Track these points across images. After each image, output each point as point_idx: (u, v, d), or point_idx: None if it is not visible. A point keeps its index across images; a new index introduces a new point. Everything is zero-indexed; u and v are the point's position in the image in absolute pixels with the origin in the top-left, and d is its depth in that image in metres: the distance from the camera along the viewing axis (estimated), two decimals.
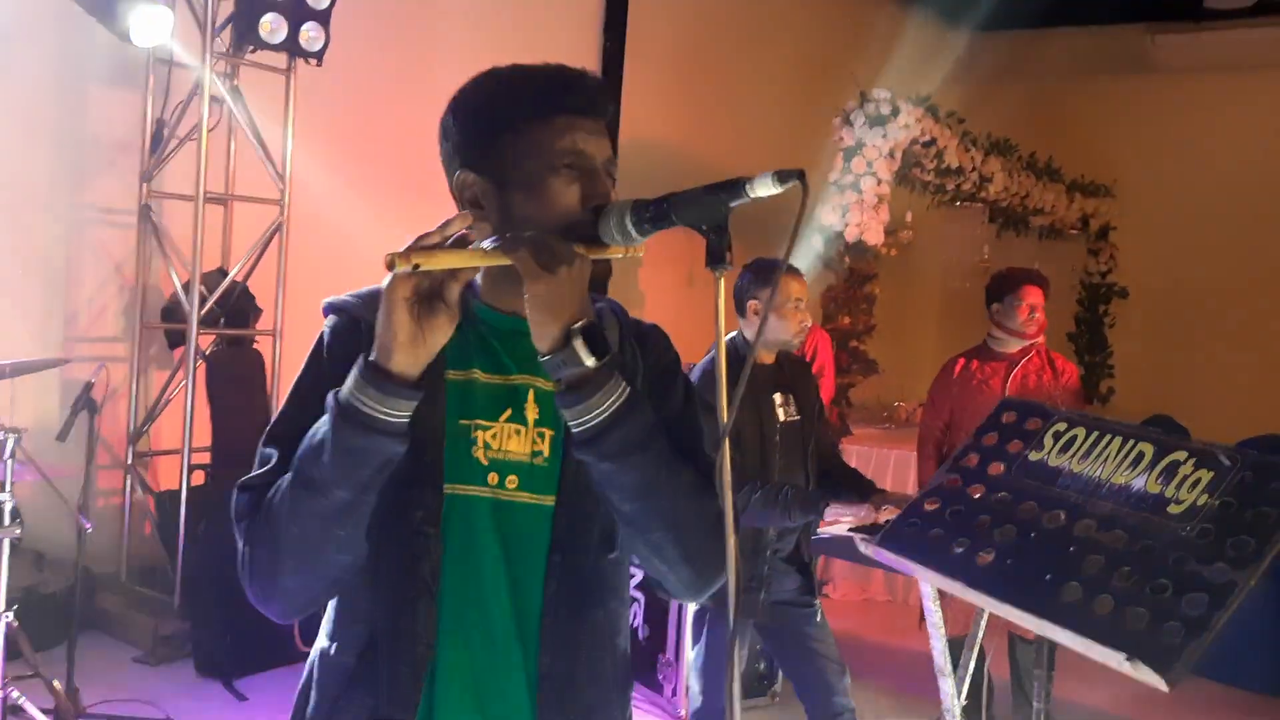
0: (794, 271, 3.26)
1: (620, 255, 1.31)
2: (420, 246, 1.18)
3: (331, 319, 1.36)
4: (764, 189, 1.20)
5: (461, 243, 1.20)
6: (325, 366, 1.31)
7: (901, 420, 7.25)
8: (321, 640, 1.37)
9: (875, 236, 6.60)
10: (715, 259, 1.24)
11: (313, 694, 1.35)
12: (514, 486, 1.33)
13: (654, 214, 1.25)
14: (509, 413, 1.34)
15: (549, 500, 1.34)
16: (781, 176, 1.18)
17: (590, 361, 1.21)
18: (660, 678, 4.44)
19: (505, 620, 1.32)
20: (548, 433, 1.35)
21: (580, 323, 1.21)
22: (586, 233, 1.28)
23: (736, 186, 1.21)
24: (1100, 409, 8.61)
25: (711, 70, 7.79)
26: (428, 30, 5.53)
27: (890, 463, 6.22)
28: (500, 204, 1.32)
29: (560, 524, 1.33)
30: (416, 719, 1.28)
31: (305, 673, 1.38)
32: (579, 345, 1.20)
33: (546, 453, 1.34)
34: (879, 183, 6.58)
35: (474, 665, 1.31)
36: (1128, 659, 1.41)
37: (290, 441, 1.27)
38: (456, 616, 1.31)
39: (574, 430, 1.25)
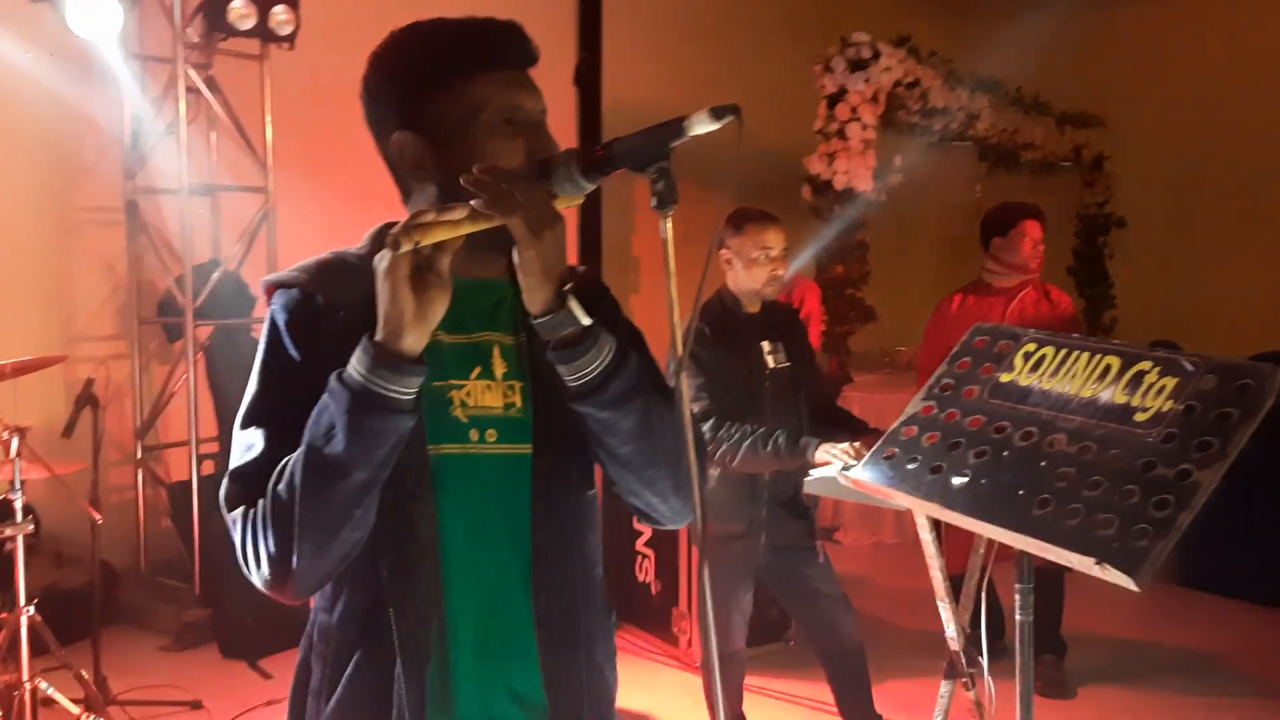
0: (767, 220, 3.24)
1: (575, 204, 1.33)
2: (418, 224, 1.19)
3: (281, 296, 1.33)
4: (701, 126, 1.22)
5: (457, 213, 1.21)
6: (286, 346, 1.31)
7: (903, 365, 7.27)
8: (319, 615, 1.37)
9: (864, 183, 6.60)
10: (660, 200, 1.26)
11: (314, 667, 1.37)
12: (493, 440, 1.36)
13: (599, 160, 1.27)
14: (478, 370, 1.37)
15: (526, 449, 1.37)
16: (718, 113, 1.20)
17: (586, 320, 1.24)
18: (675, 630, 4.51)
19: (505, 569, 1.36)
20: (517, 384, 1.38)
21: (569, 283, 1.24)
22: (542, 196, 1.28)
23: (675, 126, 1.23)
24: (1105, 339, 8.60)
25: (690, 24, 7.74)
26: (400, 3, 5.52)
27: (892, 407, 6.22)
28: (443, 164, 1.32)
29: (540, 470, 1.37)
30: (430, 676, 1.31)
31: (303, 647, 1.39)
32: (574, 305, 1.23)
33: (519, 404, 1.38)
34: (864, 128, 6.57)
35: (481, 616, 1.35)
36: (1097, 563, 1.44)
37: (272, 426, 1.27)
38: (458, 572, 1.34)
39: (572, 384, 1.27)
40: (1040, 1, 8.21)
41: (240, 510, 1.26)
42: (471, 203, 1.21)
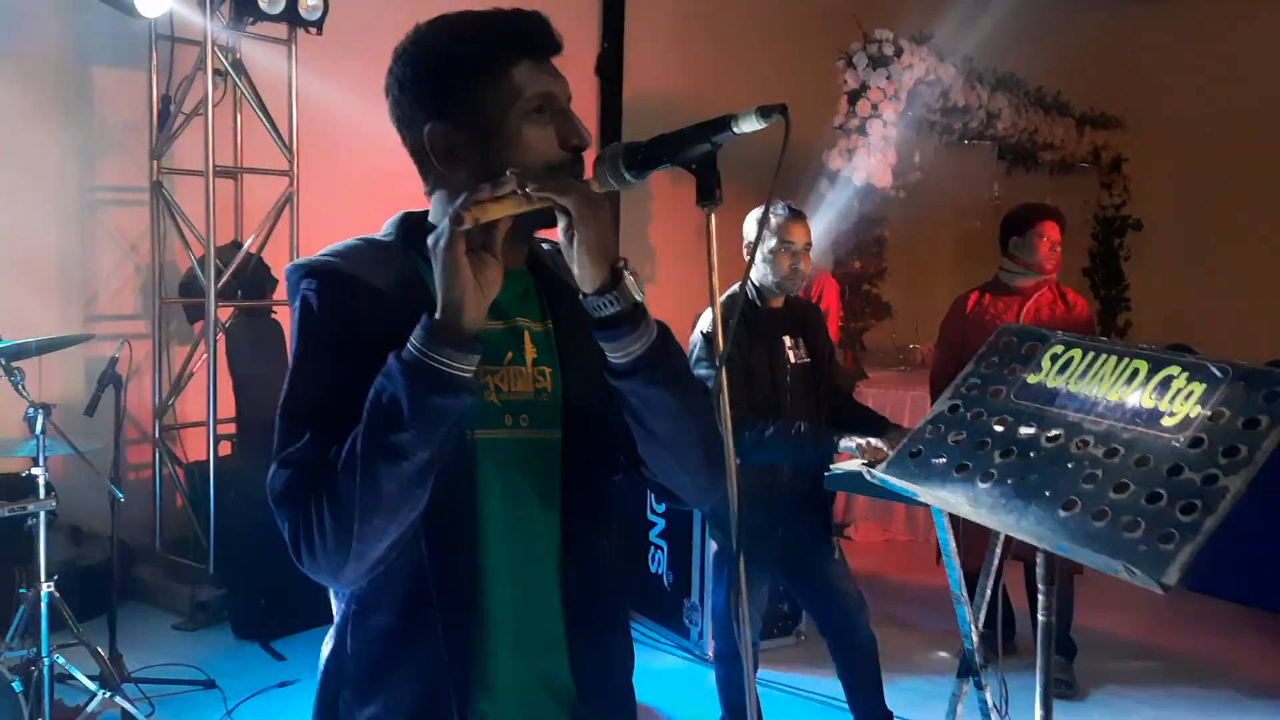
0: (792, 215, 3.26)
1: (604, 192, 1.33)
2: (476, 200, 1.20)
3: (312, 282, 1.31)
4: (749, 125, 1.24)
5: (513, 194, 1.22)
6: (325, 331, 1.30)
7: (917, 362, 7.27)
8: (353, 606, 1.35)
9: (883, 179, 6.59)
10: (705, 195, 1.28)
11: (349, 660, 1.35)
12: (526, 424, 1.37)
13: (645, 156, 1.29)
14: (511, 355, 1.38)
15: (556, 434, 1.39)
16: (764, 112, 1.22)
17: (640, 296, 1.26)
18: (688, 622, 4.53)
19: (539, 553, 1.37)
20: (546, 370, 1.40)
21: (621, 260, 1.26)
22: (569, 173, 1.31)
23: (722, 124, 1.26)
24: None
25: (713, 19, 7.74)
26: None
27: (907, 404, 6.25)
28: (478, 153, 1.33)
29: (569, 455, 1.39)
30: (471, 661, 1.31)
31: (333, 642, 1.38)
32: (630, 281, 1.25)
33: (549, 389, 1.40)
34: (885, 125, 6.56)
35: (514, 601, 1.36)
36: (1124, 566, 1.45)
37: (319, 412, 1.26)
38: (497, 557, 1.34)
39: (618, 362, 1.28)
40: (1064, 2, 8.19)
41: (293, 497, 1.24)
42: (527, 189, 1.22)
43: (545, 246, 1.48)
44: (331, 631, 1.39)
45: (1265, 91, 8.02)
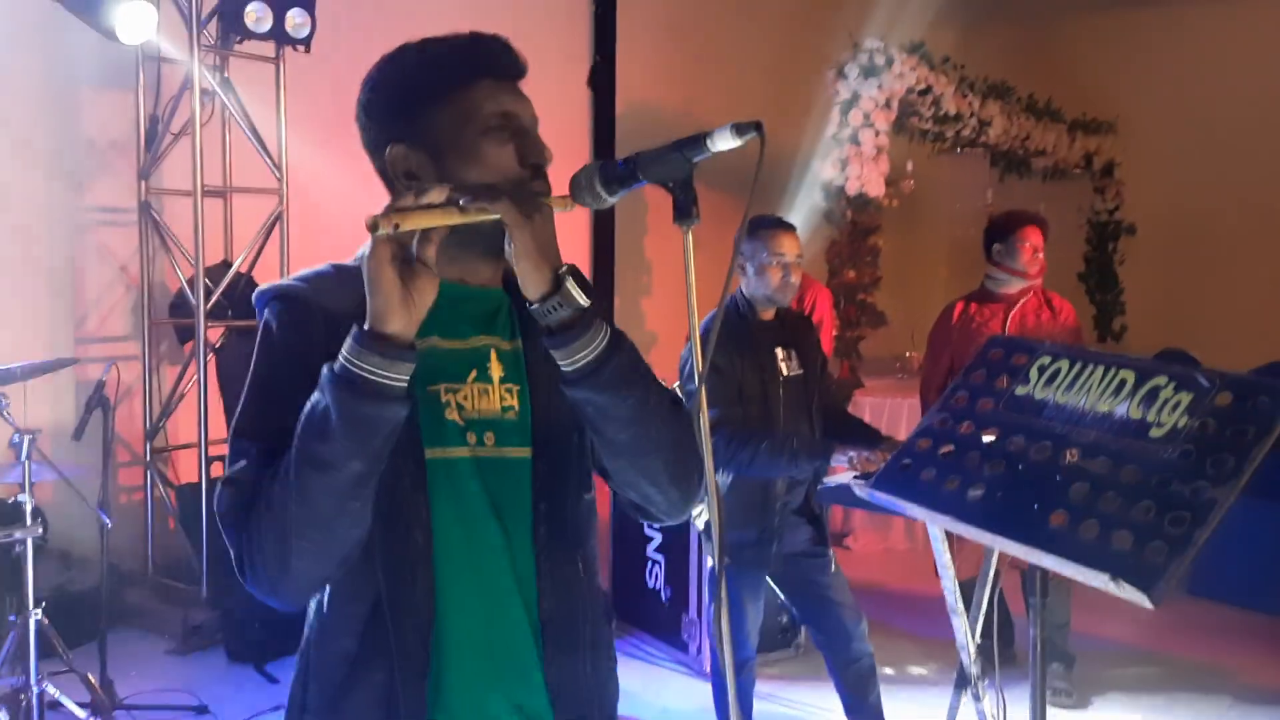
0: (781, 226, 3.25)
1: (564, 208, 1.32)
2: (396, 207, 1.20)
3: (275, 306, 1.34)
4: (724, 142, 1.24)
5: (442, 203, 1.22)
6: (280, 353, 1.31)
7: (913, 370, 7.25)
8: (312, 629, 1.37)
9: (876, 188, 6.59)
10: (682, 214, 1.27)
11: (311, 685, 1.36)
12: (492, 443, 1.36)
13: (622, 173, 1.29)
14: (475, 373, 1.38)
15: (525, 452, 1.38)
16: (739, 129, 1.22)
17: (585, 301, 1.24)
18: (685, 636, 4.50)
19: (502, 574, 1.36)
20: (514, 388, 1.39)
21: (564, 266, 1.25)
22: (528, 190, 1.31)
23: (698, 141, 1.25)
24: (1114, 347, 8.59)
25: (704, 31, 7.75)
26: (415, 6, 5.53)
27: (904, 412, 6.24)
28: (437, 173, 1.33)
29: (540, 473, 1.37)
30: (428, 685, 1.31)
31: (298, 667, 1.39)
32: (572, 286, 1.24)
33: (517, 407, 1.38)
34: (877, 134, 6.55)
35: (478, 623, 1.34)
36: (1112, 579, 1.44)
37: (263, 433, 1.27)
38: (454, 578, 1.33)
39: (568, 370, 1.27)
40: (1051, 7, 8.21)
41: (235, 516, 1.26)
42: (460, 201, 1.22)
43: None
44: (298, 655, 1.39)
45: (1254, 93, 8.04)
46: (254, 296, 1.37)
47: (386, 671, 1.30)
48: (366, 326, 1.20)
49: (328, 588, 1.35)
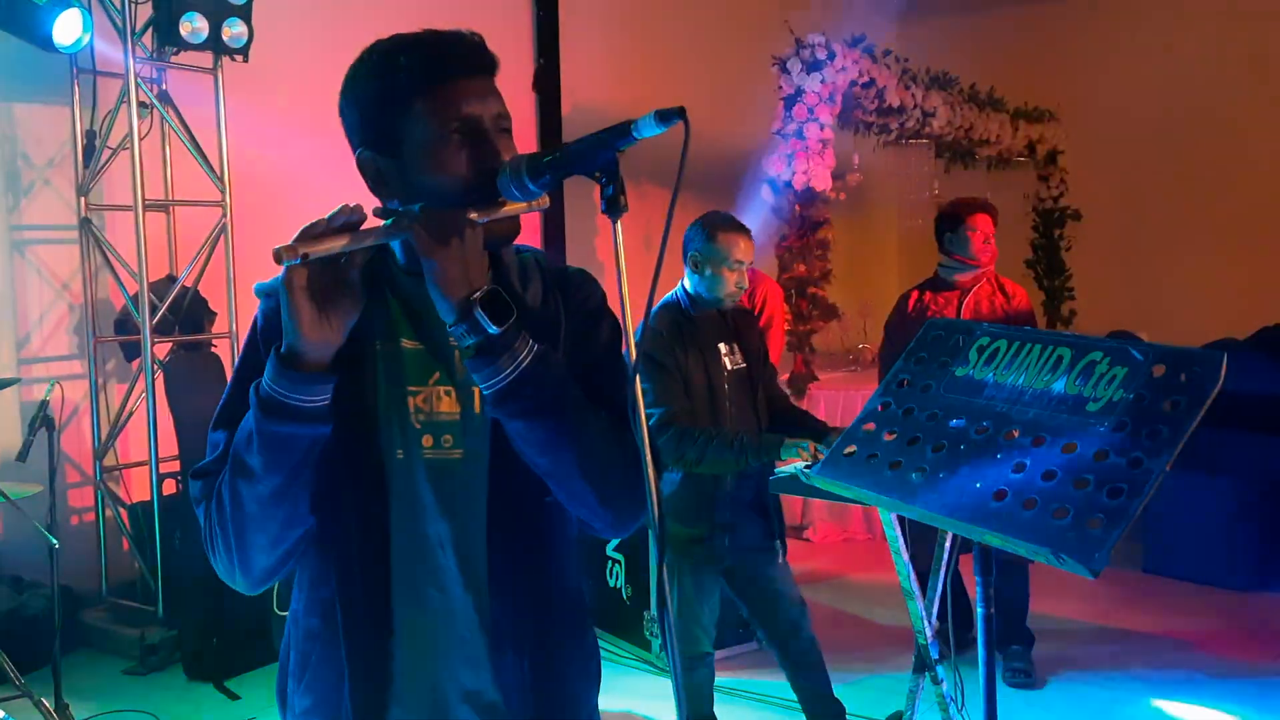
0: (738, 231, 3.25)
1: (523, 210, 1.33)
2: (307, 235, 1.22)
3: (265, 302, 1.40)
4: (648, 129, 1.23)
5: (351, 226, 1.24)
6: (261, 351, 1.34)
7: (868, 362, 7.31)
8: (293, 602, 1.45)
9: (823, 182, 6.62)
10: (610, 204, 1.27)
11: (292, 652, 1.44)
12: (449, 445, 1.38)
13: (548, 165, 1.29)
14: (438, 375, 1.39)
15: (482, 455, 1.38)
16: (663, 116, 1.22)
17: (493, 329, 1.25)
18: (648, 634, 4.50)
19: (455, 573, 1.38)
20: (475, 390, 1.38)
21: (480, 291, 1.25)
22: (485, 196, 1.31)
23: (623, 130, 1.25)
24: (1064, 331, 8.69)
25: (647, 30, 7.75)
26: (354, 12, 5.48)
27: (858, 404, 6.25)
28: (400, 179, 1.35)
29: (496, 474, 1.38)
30: (379, 669, 1.35)
31: (285, 630, 1.47)
32: (480, 315, 1.24)
33: (477, 409, 1.39)
34: (822, 128, 6.59)
35: (431, 620, 1.37)
36: (1054, 554, 1.45)
37: (234, 427, 1.33)
38: (408, 576, 1.37)
39: (485, 392, 1.29)
40: None
41: (201, 506, 1.35)
42: (362, 228, 1.24)
43: (523, 253, 1.48)
44: (288, 619, 1.48)
45: (1194, 79, 8.17)
46: (254, 290, 1.42)
47: (341, 657, 1.36)
48: (283, 350, 1.24)
49: (299, 569, 1.42)
